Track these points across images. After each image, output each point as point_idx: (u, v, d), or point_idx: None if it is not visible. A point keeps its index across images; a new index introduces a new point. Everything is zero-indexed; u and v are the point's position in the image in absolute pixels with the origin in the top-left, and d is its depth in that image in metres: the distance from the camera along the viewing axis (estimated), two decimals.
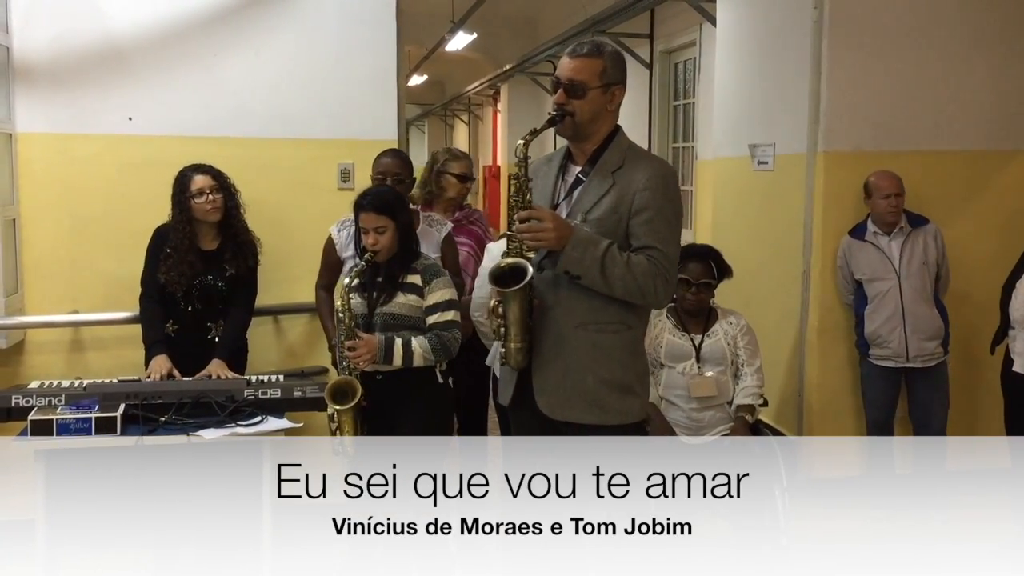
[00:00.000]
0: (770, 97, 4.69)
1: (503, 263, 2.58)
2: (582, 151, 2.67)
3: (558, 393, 2.62)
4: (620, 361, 2.63)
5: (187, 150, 3.81)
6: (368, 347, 3.09)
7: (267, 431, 3.12)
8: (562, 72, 2.60)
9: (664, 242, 2.57)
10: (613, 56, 2.63)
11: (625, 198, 2.57)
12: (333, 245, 3.67)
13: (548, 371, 2.62)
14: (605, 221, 2.57)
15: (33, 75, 3.90)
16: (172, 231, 3.55)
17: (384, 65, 4.18)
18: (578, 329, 2.60)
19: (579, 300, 2.58)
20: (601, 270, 2.51)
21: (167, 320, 3.57)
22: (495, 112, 13.15)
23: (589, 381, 2.60)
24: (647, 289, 2.54)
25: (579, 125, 2.60)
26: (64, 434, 2.98)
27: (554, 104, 2.61)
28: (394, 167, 3.63)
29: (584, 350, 2.60)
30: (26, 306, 3.95)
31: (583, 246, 2.51)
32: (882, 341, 4.11)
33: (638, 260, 2.54)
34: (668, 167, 2.75)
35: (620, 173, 2.60)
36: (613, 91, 2.62)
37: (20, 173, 3.92)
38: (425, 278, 3.21)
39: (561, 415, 2.62)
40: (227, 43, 4.04)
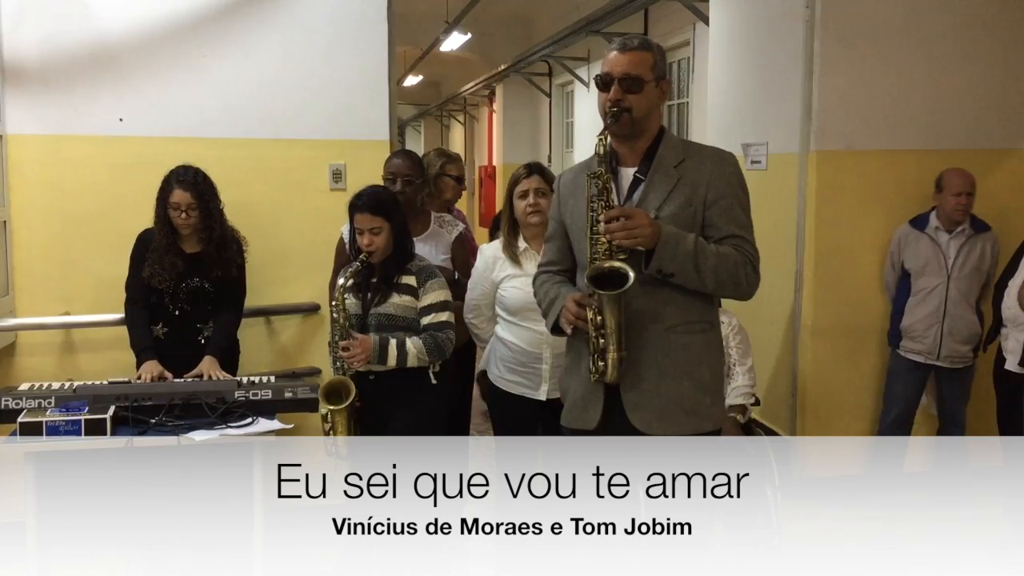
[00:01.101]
0: (763, 96, 4.69)
1: (604, 265, 2.44)
2: (633, 150, 2.56)
3: (654, 404, 2.49)
4: (710, 362, 2.55)
5: (178, 151, 3.80)
6: (363, 347, 3.09)
7: (258, 432, 3.11)
8: (615, 67, 2.50)
9: (746, 229, 2.51)
10: (660, 50, 2.57)
11: (698, 190, 2.49)
12: (344, 245, 3.66)
13: (642, 381, 2.48)
14: (679, 216, 2.48)
15: (22, 76, 3.89)
16: (155, 231, 3.54)
17: (375, 65, 4.17)
18: (668, 332, 2.49)
19: (667, 302, 2.48)
20: (695, 264, 2.42)
21: (156, 323, 3.56)
22: (491, 112, 13.14)
23: (686, 386, 2.49)
24: (739, 279, 2.47)
25: (637, 121, 2.50)
26: (53, 436, 2.97)
27: (608, 102, 2.49)
28: (404, 168, 3.62)
29: (677, 354, 2.49)
30: (17, 308, 3.94)
31: (674, 242, 2.41)
32: (917, 336, 4.10)
33: (726, 250, 2.46)
34: (734, 157, 2.64)
35: (684, 167, 2.52)
36: (663, 85, 2.56)
37: (10, 175, 3.91)
38: (420, 279, 3.21)
39: (660, 429, 2.48)
40: (217, 44, 4.03)
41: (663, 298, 2.48)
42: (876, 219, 4.30)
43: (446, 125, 17.43)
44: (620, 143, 2.58)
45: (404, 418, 3.19)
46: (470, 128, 15.44)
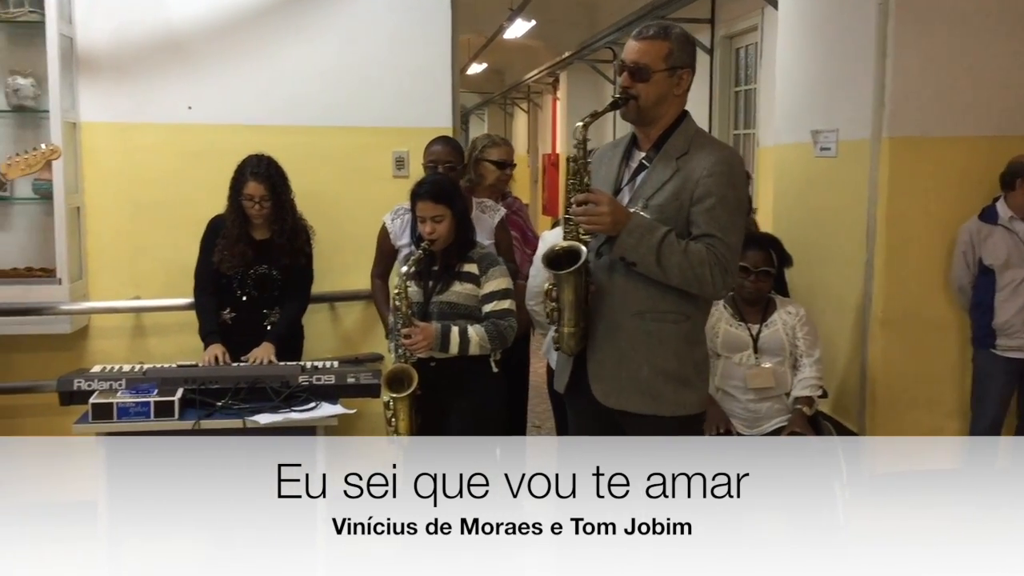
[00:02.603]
0: (833, 82, 4.58)
1: (558, 246, 2.56)
2: (647, 136, 2.62)
3: (612, 381, 2.59)
4: (676, 352, 2.58)
5: (244, 138, 3.85)
6: (424, 335, 3.09)
7: (321, 417, 3.15)
8: (627, 55, 2.56)
9: (725, 231, 2.51)
10: (680, 39, 2.57)
11: (688, 185, 2.52)
12: (387, 234, 3.68)
13: (602, 358, 2.60)
14: (666, 207, 2.53)
15: (96, 66, 3.97)
16: (227, 219, 3.59)
17: (439, 53, 4.18)
18: (635, 318, 2.56)
19: (636, 288, 2.54)
20: (657, 258, 2.47)
21: (223, 308, 3.62)
22: (554, 100, 13.09)
23: (644, 371, 2.56)
24: (704, 278, 2.49)
25: (643, 109, 2.55)
26: (124, 418, 3.04)
27: (619, 87, 2.57)
28: (445, 154, 3.62)
29: (640, 339, 2.56)
30: (90, 292, 4.03)
31: (640, 232, 2.47)
32: (1014, 331, 3.95)
33: (696, 249, 2.49)
34: (734, 154, 2.68)
35: (685, 159, 2.55)
36: (680, 75, 2.56)
37: (84, 162, 4.00)
38: (481, 267, 3.20)
39: (616, 403, 2.59)
40: (283, 32, 4.07)
41: (634, 284, 2.55)
42: (951, 208, 4.16)
43: (509, 113, 17.41)
44: (636, 128, 2.65)
45: (465, 406, 3.20)
46: (534, 116, 15.40)
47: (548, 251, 2.57)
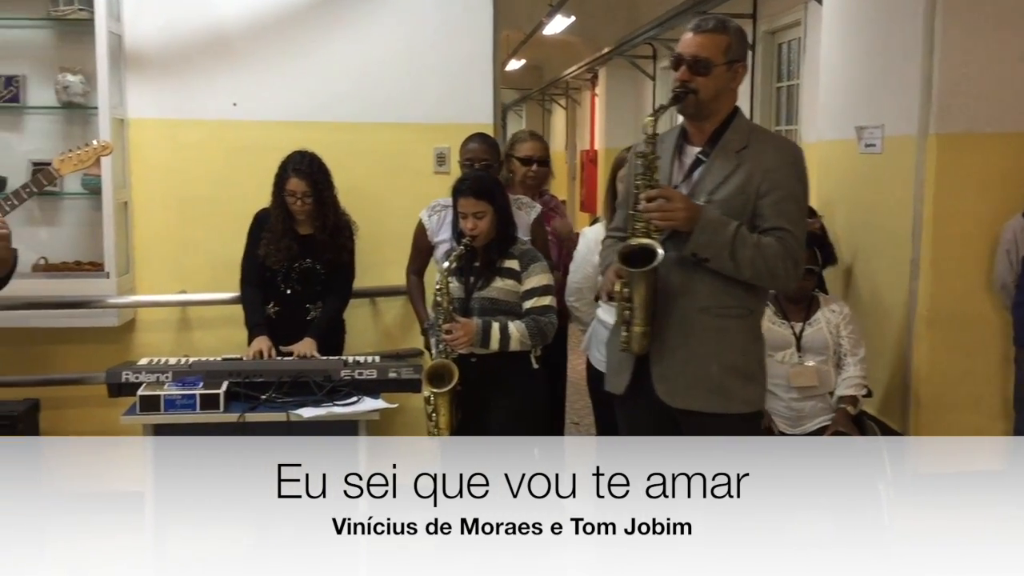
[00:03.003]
0: (878, 77, 4.51)
1: (633, 242, 2.51)
2: (701, 131, 2.60)
3: (679, 380, 2.56)
4: (743, 347, 2.58)
5: (288, 135, 3.89)
6: (465, 331, 3.10)
7: (363, 411, 3.17)
8: (685, 48, 2.53)
9: (794, 223, 2.52)
10: (737, 32, 2.57)
11: (753, 178, 2.51)
12: (424, 230, 3.69)
13: (669, 357, 2.56)
14: (731, 202, 2.51)
15: (143, 62, 4.03)
16: (272, 214, 3.63)
17: (481, 49, 4.19)
18: (700, 313, 2.54)
19: (702, 283, 2.53)
20: (731, 252, 2.46)
21: (267, 302, 3.66)
22: (593, 96, 13.05)
23: (713, 368, 2.54)
24: (776, 271, 2.49)
25: (702, 103, 2.54)
26: (171, 410, 3.09)
27: (676, 81, 2.54)
28: (481, 152, 3.63)
29: (707, 335, 2.54)
30: (137, 286, 4.10)
31: (713, 227, 2.46)
32: None
33: (768, 242, 2.48)
34: (797, 148, 2.66)
35: (746, 153, 2.54)
36: (736, 68, 2.57)
37: (131, 158, 4.06)
38: (523, 263, 3.21)
39: (682, 403, 2.56)
40: (327, 29, 4.10)
41: (699, 280, 2.53)
42: (999, 205, 4.08)
43: (548, 109, 17.38)
44: (690, 123, 2.62)
45: (505, 402, 3.20)
46: (572, 112, 15.36)
47: (623, 247, 2.53)
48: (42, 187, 2.94)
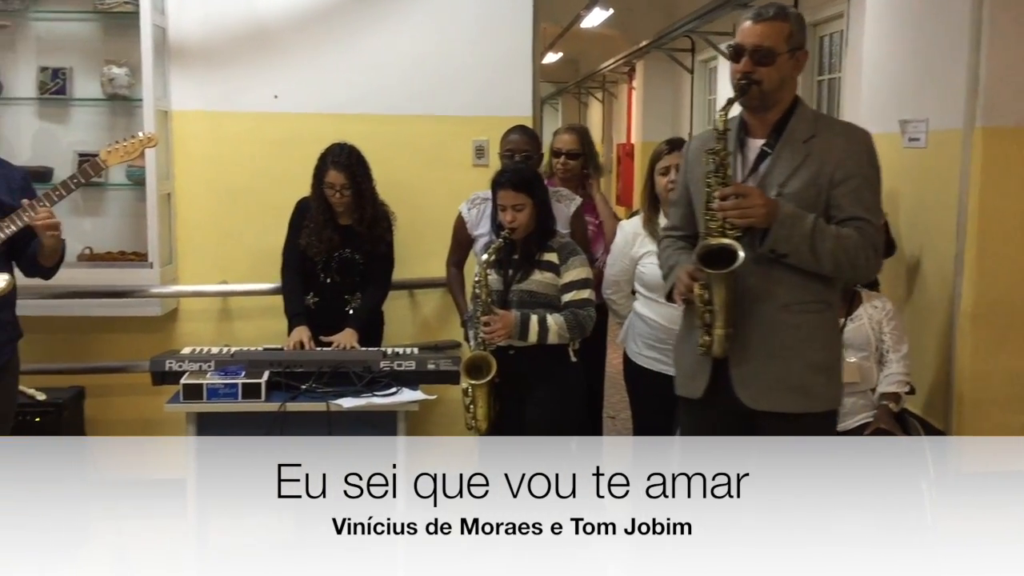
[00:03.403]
0: (923, 70, 4.44)
1: (712, 243, 2.44)
2: (763, 122, 2.53)
3: (761, 381, 2.49)
4: (823, 343, 2.52)
5: (328, 127, 3.91)
6: (504, 323, 3.11)
7: (402, 402, 3.19)
8: (746, 38, 2.46)
9: (871, 211, 2.46)
10: (798, 19, 2.51)
11: (825, 168, 2.45)
12: (463, 223, 3.71)
13: (750, 358, 2.49)
14: (803, 194, 2.45)
15: (187, 55, 4.07)
16: (312, 205, 3.66)
17: (520, 42, 4.19)
18: (781, 311, 2.48)
19: (780, 280, 2.47)
20: (811, 246, 2.40)
21: (307, 292, 3.69)
22: (630, 89, 12.98)
23: (796, 366, 2.48)
24: (858, 262, 2.44)
25: (766, 94, 2.46)
26: (213, 398, 3.13)
27: (738, 73, 2.47)
28: (522, 144, 3.63)
29: (789, 333, 2.48)
30: (179, 276, 4.15)
31: (791, 222, 2.39)
32: None
33: (847, 232, 2.42)
34: (867, 134, 2.57)
35: (814, 142, 2.47)
36: (798, 56, 2.50)
37: (175, 149, 4.11)
38: (561, 256, 3.21)
39: (766, 404, 2.49)
40: (368, 21, 4.12)
41: (777, 277, 2.47)
42: None
43: (584, 103, 17.33)
44: (750, 114, 2.55)
45: (543, 395, 3.21)
46: (608, 106, 15.30)
47: (700, 249, 2.47)
48: (89, 178, 2.99)
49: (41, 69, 4.03)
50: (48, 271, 3.07)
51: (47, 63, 4.04)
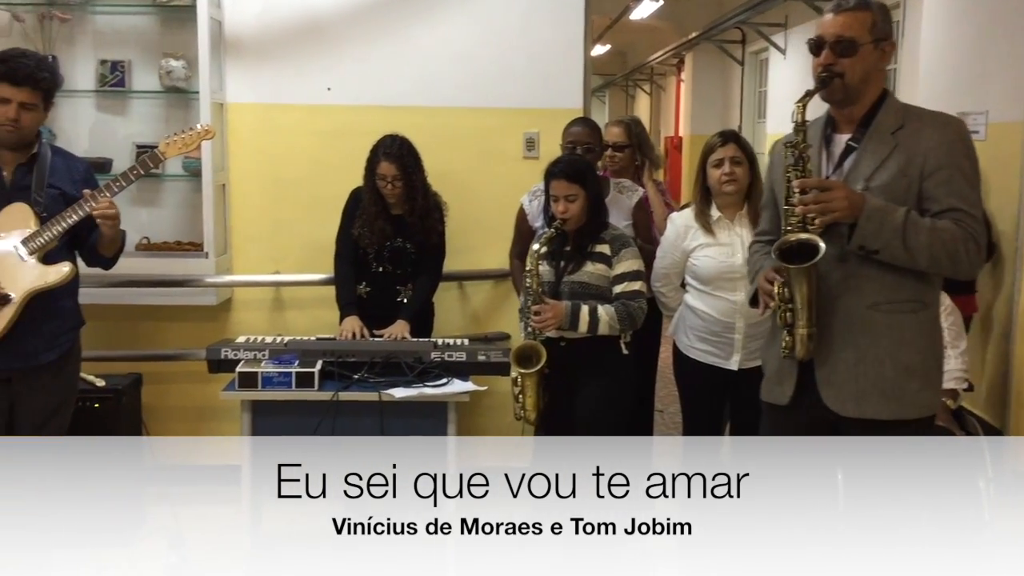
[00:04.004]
0: (983, 61, 4.36)
1: (791, 238, 2.36)
2: (849, 117, 2.43)
3: (849, 385, 2.38)
4: (919, 344, 2.40)
5: (379, 119, 3.93)
6: (554, 312, 3.11)
7: (453, 392, 3.21)
8: (827, 30, 2.38)
9: (968, 202, 2.32)
10: (881, 8, 2.41)
11: (915, 159, 2.32)
12: (525, 214, 3.72)
13: (835, 361, 2.39)
14: (892, 186, 2.33)
15: (242, 48, 4.13)
16: (364, 197, 3.69)
17: (572, 33, 4.18)
18: (870, 310, 2.37)
19: (869, 278, 2.36)
20: (903, 240, 2.27)
21: (359, 282, 3.72)
22: (678, 82, 12.89)
23: (888, 368, 2.36)
24: (958, 256, 2.29)
25: (849, 87, 2.36)
26: (268, 387, 3.18)
27: (819, 66, 2.38)
28: (584, 135, 3.62)
29: (879, 333, 2.36)
30: (233, 266, 4.21)
31: (880, 216, 2.27)
32: None
33: (944, 225, 2.29)
34: (961, 123, 2.45)
35: (902, 133, 2.36)
36: (884, 47, 2.39)
37: (229, 141, 4.17)
38: (614, 248, 3.20)
39: (854, 410, 2.39)
40: (420, 14, 4.14)
41: (866, 274, 2.36)
42: None
43: (631, 95, 17.25)
44: (836, 109, 2.46)
45: (593, 387, 3.20)
46: (656, 98, 15.22)
47: (779, 244, 2.39)
48: (148, 169, 3.04)
49: (101, 62, 4.11)
50: (108, 261, 3.13)
51: (106, 56, 4.12)
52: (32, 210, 2.92)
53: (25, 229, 2.90)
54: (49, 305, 2.96)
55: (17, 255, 2.89)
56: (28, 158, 2.96)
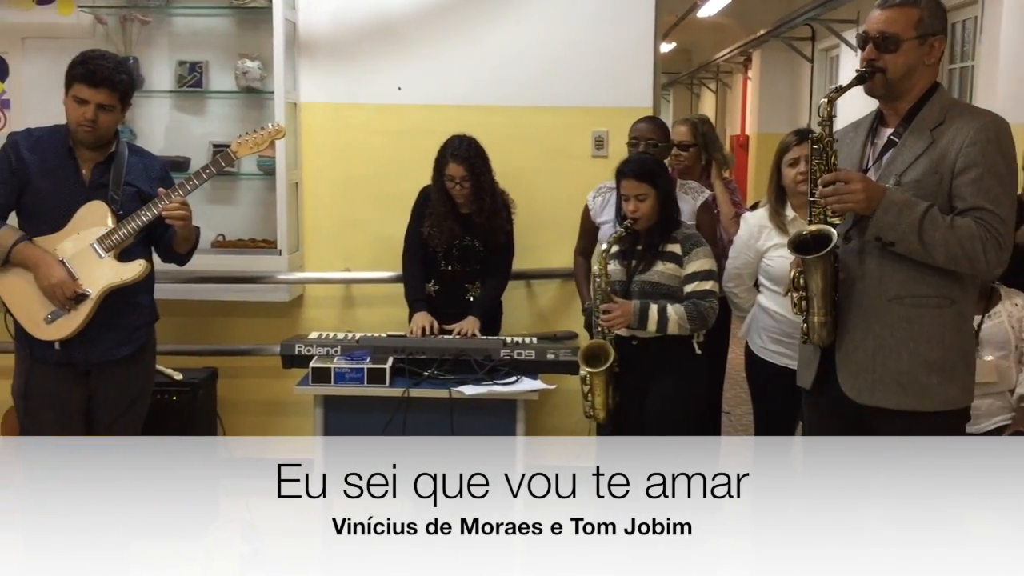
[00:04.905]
0: None
1: (805, 230, 2.43)
2: (895, 111, 2.46)
3: (866, 375, 2.42)
4: (941, 339, 2.40)
5: (449, 118, 3.97)
6: (623, 310, 3.10)
7: (522, 391, 3.21)
8: (871, 25, 2.40)
9: (995, 202, 2.31)
10: (931, 4, 2.40)
11: (948, 156, 2.34)
12: (589, 212, 3.71)
13: (855, 350, 2.44)
14: (923, 182, 2.35)
15: (315, 49, 4.19)
16: (433, 196, 3.72)
17: (642, 31, 4.17)
18: (891, 303, 2.40)
19: (892, 271, 2.39)
20: (919, 234, 2.30)
21: (428, 280, 3.75)
22: (745, 79, 12.73)
23: (904, 360, 2.39)
24: (975, 255, 2.30)
25: (891, 82, 2.39)
26: (340, 382, 3.22)
27: (863, 61, 2.42)
28: (649, 132, 3.61)
29: (899, 326, 2.39)
30: (305, 263, 4.28)
31: (897, 209, 2.31)
32: None
33: (964, 223, 2.30)
34: (1000, 120, 2.42)
35: (940, 130, 2.37)
36: (931, 43, 2.39)
37: (303, 140, 4.23)
38: (685, 247, 3.17)
39: (870, 399, 2.43)
40: (490, 13, 4.16)
41: (890, 267, 2.39)
42: None
43: (696, 93, 17.09)
44: (884, 104, 2.49)
45: (665, 387, 3.18)
46: (722, 96, 15.05)
47: (794, 236, 2.45)
48: (221, 168, 3.09)
49: (179, 63, 4.20)
50: (182, 257, 3.19)
51: (184, 57, 4.21)
52: (109, 208, 2.98)
53: (102, 227, 2.96)
54: (125, 301, 3.02)
55: (94, 252, 2.96)
56: (106, 157, 3.02)
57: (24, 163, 2.97)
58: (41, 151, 2.99)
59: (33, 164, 2.97)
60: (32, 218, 3.00)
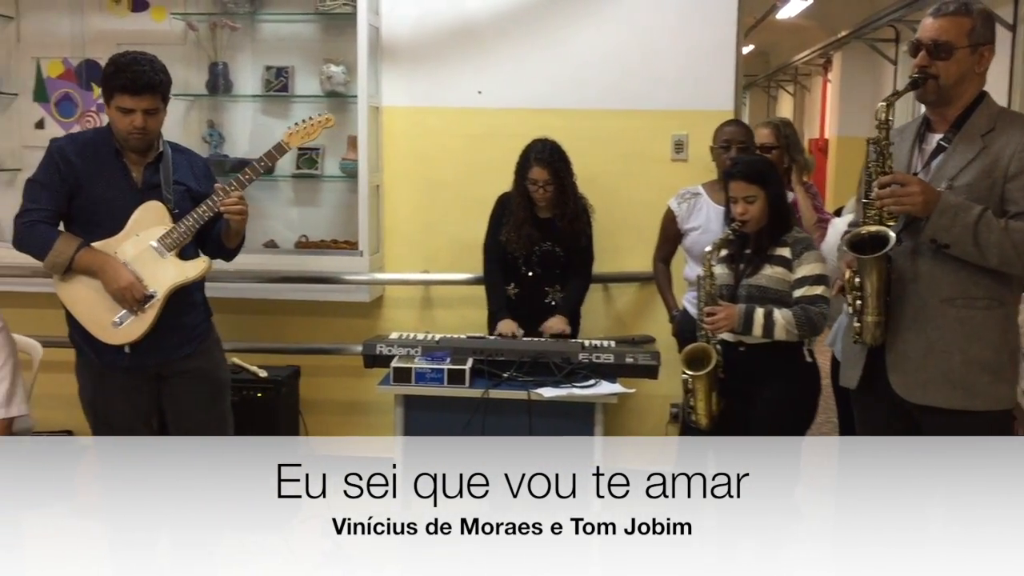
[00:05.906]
0: None
1: (863, 230, 2.47)
2: (943, 117, 2.52)
3: (918, 374, 2.48)
4: (991, 341, 2.46)
5: (528, 122, 3.99)
6: (727, 313, 3.02)
7: (601, 394, 3.21)
8: (924, 33, 2.47)
9: None
10: (983, 14, 2.48)
11: (1000, 161, 2.41)
12: (673, 218, 3.68)
13: (906, 349, 2.50)
14: (976, 187, 2.42)
15: (397, 53, 4.25)
16: (513, 200, 3.74)
17: (724, 34, 4.13)
18: (943, 304, 2.46)
19: (945, 273, 2.45)
20: (974, 237, 2.36)
21: (508, 284, 3.78)
22: (825, 82, 12.49)
23: (956, 360, 2.44)
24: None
25: (943, 89, 2.46)
26: (421, 382, 3.25)
27: (915, 67, 2.48)
28: (738, 135, 3.58)
29: (950, 327, 2.45)
30: (385, 264, 4.34)
31: (953, 212, 2.37)
32: None
33: (1018, 226, 2.37)
34: None
35: (991, 136, 2.44)
36: (982, 52, 2.47)
37: (384, 143, 4.29)
38: (795, 251, 3.07)
39: (921, 398, 2.48)
40: (570, 16, 4.17)
41: (942, 269, 2.44)
42: None
43: (773, 96, 16.82)
44: (932, 110, 2.54)
45: (771, 393, 3.07)
46: (800, 99, 14.78)
47: (852, 235, 2.49)
48: (274, 160, 3.09)
49: (266, 68, 4.31)
50: (231, 252, 3.18)
51: (271, 62, 4.31)
52: (166, 207, 2.98)
53: (161, 227, 2.96)
54: (185, 299, 3.03)
55: (156, 253, 2.96)
56: (154, 157, 3.02)
57: (74, 168, 2.93)
58: (89, 156, 2.95)
59: (82, 169, 2.93)
60: (87, 224, 2.95)
